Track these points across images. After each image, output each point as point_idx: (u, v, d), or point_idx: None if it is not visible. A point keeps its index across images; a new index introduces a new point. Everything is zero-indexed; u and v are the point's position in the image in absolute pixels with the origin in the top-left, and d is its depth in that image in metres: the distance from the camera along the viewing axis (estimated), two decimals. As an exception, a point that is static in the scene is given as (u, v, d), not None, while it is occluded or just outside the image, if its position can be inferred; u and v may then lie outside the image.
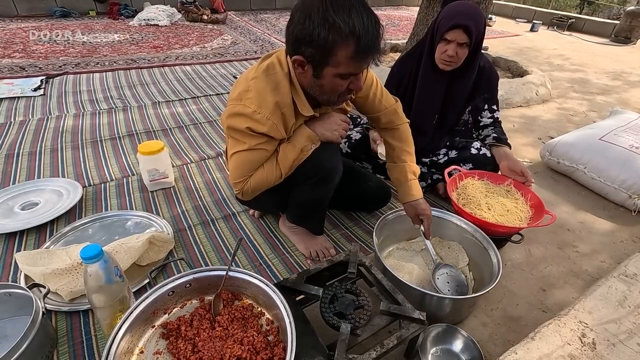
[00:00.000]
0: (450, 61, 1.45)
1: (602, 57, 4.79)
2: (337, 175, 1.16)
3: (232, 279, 0.94)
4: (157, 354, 0.83)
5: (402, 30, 5.69)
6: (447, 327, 1.02)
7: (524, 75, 3.30)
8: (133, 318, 0.82)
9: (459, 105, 1.62)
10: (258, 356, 0.80)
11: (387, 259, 1.31)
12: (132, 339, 0.83)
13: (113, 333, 0.78)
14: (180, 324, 0.88)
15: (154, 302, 0.87)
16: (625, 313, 1.04)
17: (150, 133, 2.18)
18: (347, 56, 0.87)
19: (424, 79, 1.58)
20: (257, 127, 0.98)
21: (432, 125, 1.66)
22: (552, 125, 2.67)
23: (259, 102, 0.97)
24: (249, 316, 0.91)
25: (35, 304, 0.90)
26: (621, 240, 1.56)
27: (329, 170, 1.13)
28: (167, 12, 5.17)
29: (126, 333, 0.80)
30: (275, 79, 0.99)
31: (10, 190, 1.56)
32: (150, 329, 0.88)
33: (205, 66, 3.45)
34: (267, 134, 1.00)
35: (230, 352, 0.79)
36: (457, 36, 1.38)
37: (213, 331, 0.86)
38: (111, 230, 1.39)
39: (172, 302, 0.93)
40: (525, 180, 1.43)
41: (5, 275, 1.19)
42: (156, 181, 1.62)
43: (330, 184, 1.17)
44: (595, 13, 8.30)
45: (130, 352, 0.82)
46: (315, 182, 1.14)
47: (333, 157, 1.14)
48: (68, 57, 3.46)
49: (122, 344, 0.78)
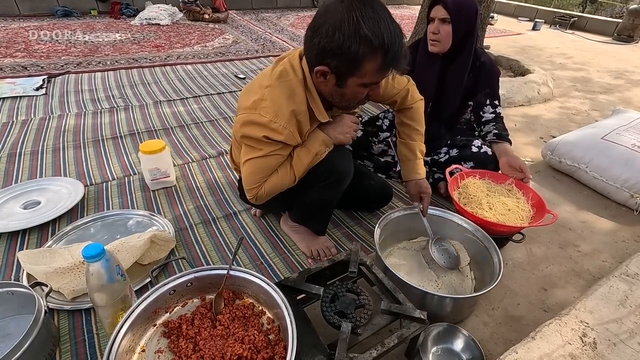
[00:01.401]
0: (435, 40, 1.49)
1: (604, 56, 4.77)
2: (350, 178, 1.17)
3: (233, 278, 0.94)
4: (158, 353, 0.84)
5: (404, 28, 5.62)
6: (448, 326, 1.02)
7: (525, 74, 3.29)
8: (134, 317, 0.82)
9: (454, 94, 1.62)
10: (259, 355, 0.80)
11: (388, 258, 1.31)
12: (134, 338, 0.83)
13: (115, 332, 0.78)
14: (182, 323, 0.88)
15: (155, 301, 0.88)
16: (627, 313, 1.04)
17: (152, 132, 2.18)
18: (374, 68, 0.87)
19: (420, 64, 1.62)
20: (274, 136, 0.98)
21: (427, 112, 1.65)
22: (553, 124, 2.66)
23: (274, 111, 0.96)
24: (250, 315, 0.91)
25: (38, 303, 0.91)
26: (623, 240, 1.55)
27: (342, 174, 1.14)
28: (169, 12, 5.17)
29: (128, 332, 0.80)
30: (290, 85, 0.98)
31: (12, 190, 1.56)
32: (151, 327, 0.89)
33: (207, 65, 3.45)
34: (284, 142, 1.00)
35: (232, 351, 0.79)
36: (437, 12, 1.45)
37: (214, 330, 0.86)
38: (113, 229, 1.40)
39: (173, 301, 0.93)
40: (523, 177, 1.44)
41: (7, 274, 1.20)
42: (157, 180, 1.62)
43: (342, 186, 1.18)
44: (598, 11, 8.26)
45: (132, 351, 0.82)
46: (327, 185, 1.14)
47: (346, 160, 1.15)
48: (70, 56, 3.47)
49: (123, 343, 0.78)
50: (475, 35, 1.50)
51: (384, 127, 1.84)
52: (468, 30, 1.47)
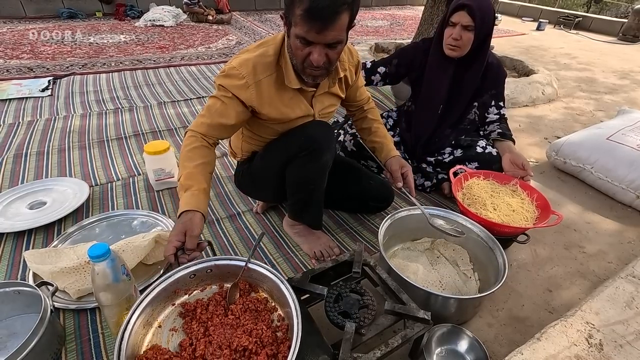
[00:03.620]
0: (456, 45, 1.46)
1: (609, 56, 4.74)
2: (329, 153, 1.17)
3: (251, 270, 0.95)
4: (172, 331, 0.88)
5: (407, 29, 5.68)
6: (452, 327, 1.02)
7: (530, 74, 3.27)
8: (155, 293, 0.86)
9: (465, 98, 1.62)
10: (263, 350, 0.80)
11: (392, 259, 1.30)
12: (153, 313, 0.87)
13: (135, 304, 0.82)
14: (197, 307, 0.91)
15: (176, 282, 0.91)
16: (633, 314, 1.03)
17: (156, 133, 2.19)
18: (299, 14, 0.90)
19: (432, 67, 1.60)
20: (229, 82, 1.06)
21: (437, 115, 1.66)
22: (558, 124, 2.65)
23: (239, 62, 1.06)
24: (262, 309, 0.92)
25: (44, 302, 0.92)
26: (629, 241, 1.54)
27: (319, 142, 1.14)
28: (173, 13, 5.20)
29: (148, 306, 0.84)
30: (266, 48, 1.08)
31: (18, 190, 1.58)
32: (170, 306, 0.92)
33: (211, 66, 3.47)
34: (235, 91, 1.06)
35: (238, 341, 0.81)
36: (461, 18, 1.40)
37: (225, 318, 0.88)
38: (118, 229, 1.41)
39: (193, 284, 0.96)
40: (525, 174, 1.45)
41: (14, 273, 1.21)
42: (162, 180, 1.63)
43: (321, 161, 1.17)
44: (603, 11, 8.22)
45: (150, 325, 0.86)
46: (307, 157, 1.15)
47: (324, 131, 1.17)
48: (75, 58, 3.50)
49: (142, 316, 0.83)
50: (490, 40, 1.50)
51: (388, 127, 1.84)
52: (486, 35, 1.46)
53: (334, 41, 0.95)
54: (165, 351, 0.81)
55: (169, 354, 0.80)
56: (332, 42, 0.95)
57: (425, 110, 1.67)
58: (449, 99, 1.62)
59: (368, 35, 5.15)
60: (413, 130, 1.74)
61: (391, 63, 1.68)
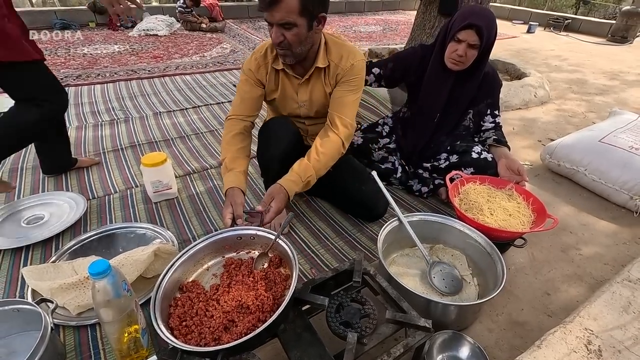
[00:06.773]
0: (459, 61, 1.48)
1: (599, 57, 4.81)
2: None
3: (280, 247, 1.03)
4: (213, 276, 1.04)
5: (400, 34, 5.73)
6: (453, 334, 1.03)
7: (522, 77, 3.31)
8: (203, 244, 1.04)
9: (462, 107, 1.65)
10: (262, 315, 0.89)
11: (391, 266, 1.31)
12: (206, 257, 1.07)
13: (197, 241, 1.03)
14: (233, 263, 1.05)
15: (224, 240, 1.08)
16: (630, 319, 1.04)
17: (153, 144, 2.19)
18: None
19: (431, 77, 1.62)
20: (244, 69, 1.38)
21: (433, 124, 1.68)
22: (551, 127, 2.68)
23: (248, 59, 1.37)
24: (279, 282, 0.99)
25: (44, 320, 0.91)
26: (624, 242, 1.56)
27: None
28: (166, 22, 5.21)
29: (204, 249, 1.04)
30: (264, 44, 1.35)
31: (15, 205, 1.57)
32: (219, 257, 1.09)
33: (205, 75, 3.48)
34: (247, 75, 1.36)
35: (245, 299, 0.92)
36: (469, 37, 1.42)
37: (247, 279, 0.99)
38: (116, 242, 1.40)
39: (240, 246, 1.10)
40: (520, 180, 1.46)
41: (12, 290, 1.20)
42: (160, 192, 1.63)
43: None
44: (591, 13, 8.34)
45: (201, 264, 1.06)
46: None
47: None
48: (69, 69, 3.49)
49: (198, 255, 1.03)
50: (490, 54, 1.53)
51: (384, 134, 1.86)
52: (487, 50, 1.49)
53: (283, 22, 1.09)
54: (199, 286, 0.98)
55: (200, 289, 0.97)
56: (282, 23, 1.10)
57: (422, 118, 1.70)
58: (446, 108, 1.64)
59: (361, 41, 5.20)
60: (410, 137, 1.76)
61: (387, 66, 1.71)
